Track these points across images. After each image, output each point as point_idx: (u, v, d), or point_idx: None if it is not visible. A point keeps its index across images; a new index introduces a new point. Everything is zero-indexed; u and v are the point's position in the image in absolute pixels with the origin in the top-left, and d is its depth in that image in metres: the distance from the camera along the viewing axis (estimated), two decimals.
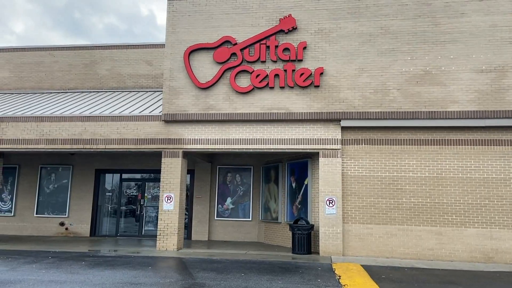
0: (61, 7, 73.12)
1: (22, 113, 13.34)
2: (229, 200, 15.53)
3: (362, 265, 9.67)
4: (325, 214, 11.47)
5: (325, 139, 11.81)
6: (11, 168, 16.36)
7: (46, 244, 13.03)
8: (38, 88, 16.96)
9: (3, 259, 9.62)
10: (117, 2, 75.59)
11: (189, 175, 15.08)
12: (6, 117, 13.13)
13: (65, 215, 15.95)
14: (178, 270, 8.54)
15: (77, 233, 15.81)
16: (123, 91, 16.38)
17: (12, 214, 16.11)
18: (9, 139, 12.97)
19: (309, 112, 11.83)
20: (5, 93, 16.85)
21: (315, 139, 11.85)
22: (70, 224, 15.88)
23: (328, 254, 11.26)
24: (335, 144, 11.74)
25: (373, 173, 11.57)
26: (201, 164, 15.72)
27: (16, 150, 13.01)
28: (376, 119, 11.54)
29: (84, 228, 15.84)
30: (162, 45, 16.38)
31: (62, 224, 15.88)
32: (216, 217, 15.47)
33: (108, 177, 16.71)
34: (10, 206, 16.21)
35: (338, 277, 8.08)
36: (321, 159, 11.76)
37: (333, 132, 11.81)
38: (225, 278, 7.64)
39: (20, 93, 16.75)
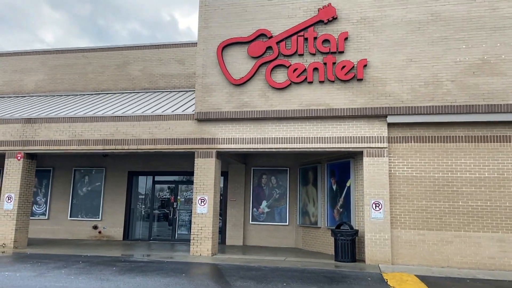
0: (86, 14, 75.36)
1: (54, 114, 13.14)
2: (264, 203, 14.78)
3: (416, 276, 8.66)
4: (371, 219, 10.51)
5: (369, 137, 10.87)
6: (45, 170, 16.30)
7: (78, 248, 12.72)
8: (72, 90, 16.88)
9: (33, 263, 9.26)
10: (138, 9, 77.13)
11: (222, 177, 14.45)
12: (39, 118, 12.97)
13: (98, 218, 15.69)
14: (213, 278, 7.86)
15: (110, 236, 15.50)
16: (155, 92, 16.02)
17: (46, 217, 16.01)
18: (42, 140, 12.78)
19: (352, 108, 10.93)
20: (40, 96, 16.86)
21: (359, 137, 10.93)
22: (104, 228, 15.60)
23: (375, 262, 10.28)
24: (381, 142, 10.77)
25: (424, 174, 10.52)
26: (234, 165, 15.08)
27: (49, 151, 12.80)
28: (427, 114, 10.50)
29: (117, 231, 15.52)
30: (194, 44, 15.93)
31: (95, 227, 15.63)
32: (251, 221, 14.77)
33: (141, 179, 16.36)
34: (44, 209, 16.12)
35: None
36: (365, 159, 10.82)
37: (378, 129, 10.85)
38: None
39: (54, 95, 16.71)
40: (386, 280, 7.99)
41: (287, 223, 14.43)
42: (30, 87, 17.30)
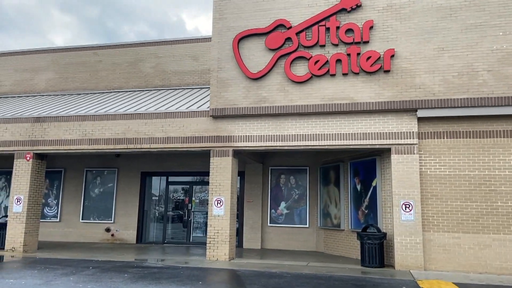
0: (95, 17, 75.77)
1: (64, 113, 12.65)
2: (283, 204, 14.08)
3: (454, 283, 7.87)
4: (400, 221, 9.73)
5: (398, 132, 10.09)
6: (56, 172, 15.87)
7: (90, 251, 12.19)
8: (83, 88, 16.43)
9: (41, 269, 8.72)
10: (146, 11, 77.26)
11: (239, 177, 13.73)
12: (48, 117, 12.49)
13: (111, 220, 15.18)
14: (233, 286, 7.19)
15: (123, 239, 14.97)
16: (168, 89, 15.45)
17: (58, 220, 15.56)
18: (51, 140, 12.29)
19: (378, 102, 10.16)
20: (50, 95, 16.45)
21: (386, 133, 10.16)
22: (116, 230, 15.08)
23: (405, 268, 9.50)
24: (410, 138, 9.98)
25: (458, 172, 9.69)
26: (251, 165, 14.41)
27: (59, 151, 12.31)
28: (461, 107, 9.68)
29: (130, 234, 14.98)
30: (207, 39, 15.32)
31: (108, 230, 15.12)
32: (269, 223, 14.07)
33: (154, 180, 15.82)
34: (56, 211, 15.69)
35: None
36: (393, 156, 10.04)
37: (407, 124, 10.06)
38: None
39: (65, 94, 16.28)
40: None
41: (307, 225, 13.70)
42: (41, 86, 16.91)
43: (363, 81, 10.32)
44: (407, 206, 9.73)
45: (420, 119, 10.02)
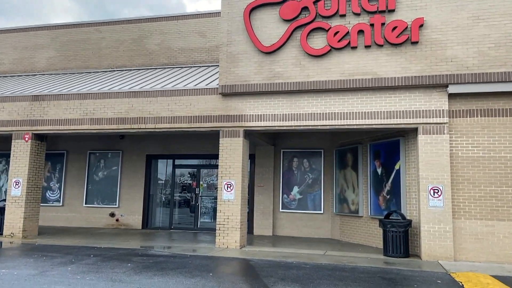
0: (95, 1, 74.75)
1: (66, 90, 11.87)
2: (295, 189, 13.29)
3: (492, 276, 7.06)
4: (428, 207, 8.90)
5: (426, 110, 9.18)
6: (58, 154, 15.20)
7: (93, 237, 11.55)
8: (85, 67, 15.60)
9: (38, 258, 8.05)
10: None
11: (249, 160, 12.99)
12: (47, 95, 11.73)
13: (115, 205, 14.52)
14: (247, 279, 6.45)
15: (128, 225, 14.33)
16: (174, 67, 14.59)
17: (61, 204, 14.94)
18: (51, 120, 11.55)
19: (405, 77, 9.24)
20: (51, 74, 15.66)
21: (413, 111, 9.26)
22: (121, 215, 14.43)
23: (433, 258, 8.70)
24: (440, 117, 9.08)
25: (493, 154, 8.80)
26: (262, 147, 13.60)
27: (59, 131, 11.57)
28: (498, 82, 8.73)
29: (135, 219, 14.33)
30: (216, 13, 14.41)
31: (112, 215, 14.48)
32: (281, 208, 13.32)
33: (160, 163, 15.08)
34: (58, 195, 15.05)
35: None
36: (421, 137, 9.16)
37: (437, 102, 9.15)
38: None
39: (66, 73, 15.49)
40: (460, 284, 6.42)
41: (321, 211, 12.92)
42: (41, 64, 16.11)
43: (388, 54, 9.38)
44: (436, 191, 8.88)
45: (451, 96, 9.09)
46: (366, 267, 7.68)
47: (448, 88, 9.01)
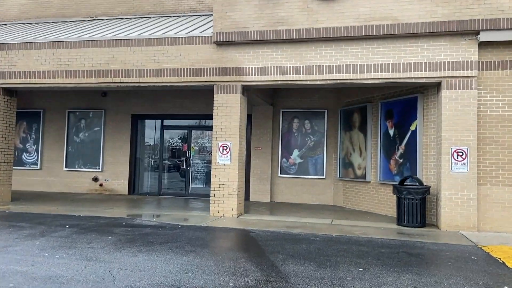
0: None
1: (37, 39, 10.36)
2: (296, 152, 12.22)
3: None
4: (450, 172, 7.89)
5: (452, 62, 7.99)
6: (34, 113, 13.82)
7: (73, 204, 10.44)
8: (61, 15, 13.92)
9: (3, 229, 6.92)
10: None
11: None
12: (15, 43, 10.24)
13: (99, 169, 13.34)
14: (251, 256, 5.41)
15: (114, 190, 13.22)
16: (161, 16, 13.02)
17: (39, 167, 13.71)
18: (20, 72, 10.12)
19: (429, 22, 7.97)
20: (23, 23, 13.98)
21: (437, 62, 8.06)
22: (105, 180, 13.29)
23: (454, 228, 7.79)
24: (468, 69, 7.91)
25: None
26: (260, 107, 12.39)
27: (30, 85, 10.18)
28: None
29: (121, 184, 13.21)
30: None
31: (95, 179, 13.32)
32: (280, 173, 12.28)
33: (148, 124, 13.80)
34: (35, 158, 13.79)
35: None
36: (444, 93, 8.02)
37: (465, 52, 7.95)
38: (342, 284, 4.40)
39: (40, 22, 13.82)
40: (500, 260, 5.49)
41: (323, 176, 11.93)
42: (13, 12, 14.37)
43: None
44: (460, 154, 7.85)
45: (481, 45, 7.89)
46: (384, 240, 6.72)
47: (479, 36, 7.79)
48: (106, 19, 13.41)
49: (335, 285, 4.27)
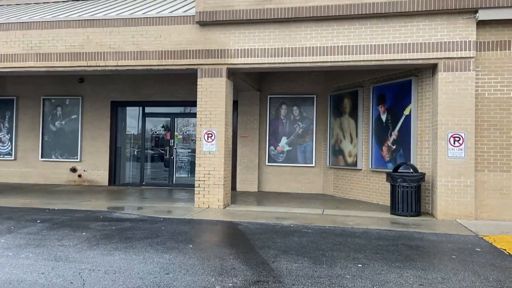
0: None
1: (4, 19, 9.59)
2: (284, 140, 11.76)
3: None
4: (447, 158, 7.53)
5: (449, 42, 7.58)
6: (7, 100, 13.05)
7: (49, 196, 9.82)
8: None
9: None
10: None
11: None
12: None
13: (77, 159, 12.68)
14: (239, 252, 4.94)
15: (93, 181, 12.59)
16: None
17: (13, 158, 12.98)
18: None
19: (425, 0, 7.53)
20: None
21: (433, 43, 7.64)
22: (84, 170, 12.65)
23: (450, 216, 7.47)
24: (465, 50, 7.51)
25: None
26: (246, 93, 11.85)
27: None
28: None
29: (101, 175, 12.59)
30: None
31: (73, 170, 12.66)
32: (268, 162, 11.83)
33: (129, 112, 13.17)
34: (9, 147, 13.03)
35: None
36: (441, 75, 7.62)
37: (462, 31, 7.54)
38: (341, 283, 3.97)
39: (10, 4, 12.94)
40: (506, 252, 5.14)
41: (313, 164, 11.52)
42: None
43: None
44: (457, 139, 7.49)
45: (480, 24, 7.49)
46: (380, 230, 6.33)
47: (477, 14, 7.38)
48: (81, 0, 12.59)
49: (334, 284, 3.83)
